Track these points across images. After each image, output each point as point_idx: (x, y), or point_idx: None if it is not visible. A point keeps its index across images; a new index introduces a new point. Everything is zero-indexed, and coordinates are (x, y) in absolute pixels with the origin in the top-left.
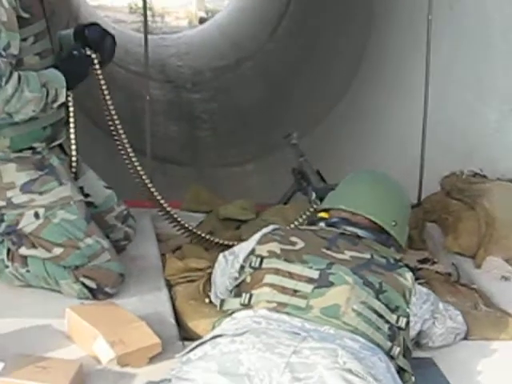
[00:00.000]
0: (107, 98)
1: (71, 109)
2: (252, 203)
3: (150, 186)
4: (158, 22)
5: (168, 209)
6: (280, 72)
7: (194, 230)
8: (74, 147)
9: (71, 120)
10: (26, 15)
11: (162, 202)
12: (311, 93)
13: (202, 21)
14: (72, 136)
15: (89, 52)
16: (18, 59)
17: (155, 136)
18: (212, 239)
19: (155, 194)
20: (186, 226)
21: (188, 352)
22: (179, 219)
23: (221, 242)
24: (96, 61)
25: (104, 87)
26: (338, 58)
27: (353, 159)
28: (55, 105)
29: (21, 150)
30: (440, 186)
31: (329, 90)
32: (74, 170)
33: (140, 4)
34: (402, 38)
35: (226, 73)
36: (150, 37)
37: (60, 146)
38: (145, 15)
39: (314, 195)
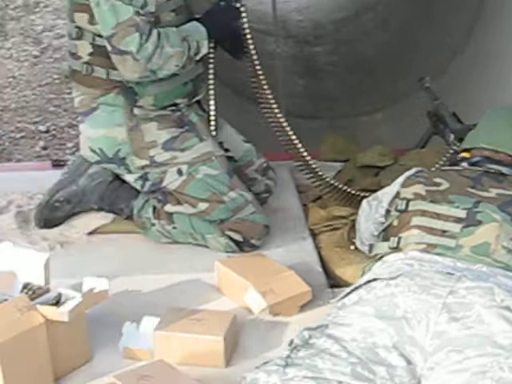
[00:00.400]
0: (253, 52)
1: (211, 61)
2: (389, 149)
3: (293, 137)
4: None
5: (310, 161)
6: (401, 22)
7: (332, 182)
8: (212, 102)
9: (210, 74)
10: None
11: (304, 153)
12: (434, 41)
13: None
14: (211, 91)
15: (238, 4)
16: (155, 16)
17: (282, 92)
18: (349, 190)
19: (298, 145)
20: (326, 178)
21: (343, 297)
22: (318, 171)
23: (357, 193)
24: (244, 14)
25: (250, 41)
26: (458, 5)
27: (482, 104)
28: (198, 57)
29: (164, 107)
30: None
31: (451, 38)
32: (213, 124)
33: None
34: None
35: (346, 25)
36: None
37: (198, 102)
38: None
39: (452, 136)
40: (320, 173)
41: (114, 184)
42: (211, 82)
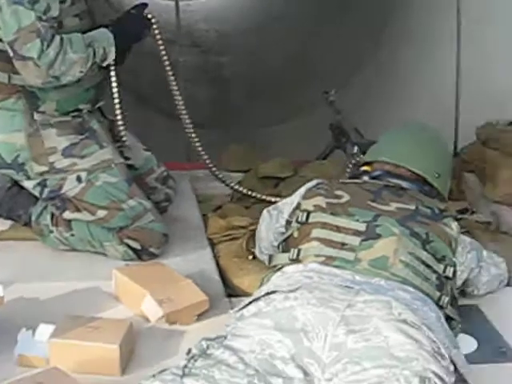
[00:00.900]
0: (166, 62)
1: (112, 68)
2: (289, 161)
3: (197, 144)
4: None
5: (210, 165)
6: (308, 33)
7: (236, 187)
8: (118, 106)
9: (113, 81)
10: None
11: (206, 159)
12: (339, 52)
13: None
14: (116, 96)
15: (149, 15)
16: (58, 22)
17: (187, 102)
18: (254, 195)
19: (201, 152)
20: (228, 182)
21: (242, 308)
22: (220, 176)
23: (262, 197)
24: (156, 25)
25: (163, 52)
26: (365, 14)
27: (385, 115)
28: (105, 63)
29: (67, 113)
30: (476, 136)
31: (357, 48)
32: (122, 129)
33: None
34: None
35: (252, 35)
36: (174, 3)
37: (99, 108)
38: None
39: (355, 149)
40: (222, 178)
41: (12, 190)
42: (115, 87)
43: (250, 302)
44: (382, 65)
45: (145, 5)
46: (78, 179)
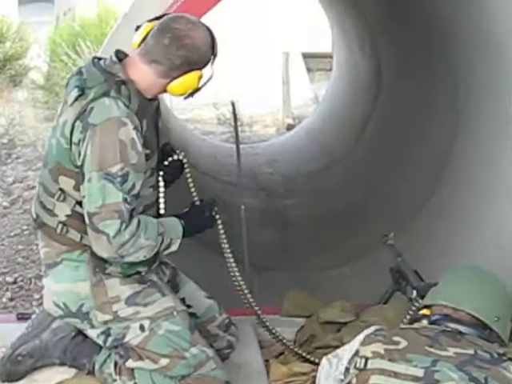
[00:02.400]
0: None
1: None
2: (351, 305)
3: (248, 296)
4: (246, 131)
5: (263, 319)
6: (369, 175)
7: (284, 341)
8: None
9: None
10: (147, 151)
11: (259, 312)
12: (403, 192)
13: (289, 127)
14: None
15: (181, 156)
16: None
17: (252, 244)
18: (300, 352)
19: (253, 304)
20: (281, 337)
21: None
22: (273, 329)
23: (308, 357)
24: (186, 165)
25: (194, 193)
26: (423, 159)
27: (446, 252)
28: (165, 253)
29: (129, 275)
30: None
31: (416, 191)
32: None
33: (228, 115)
34: (491, 138)
35: (315, 177)
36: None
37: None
38: (236, 128)
39: (414, 293)
40: (273, 330)
41: (76, 339)
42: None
43: None
44: (441, 208)
45: (214, 202)
46: (141, 328)
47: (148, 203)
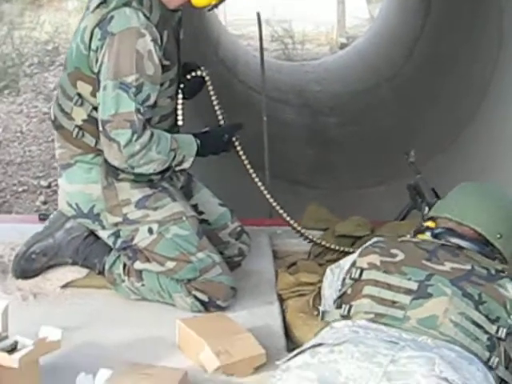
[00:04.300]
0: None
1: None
2: (367, 220)
3: (270, 199)
4: (298, 49)
5: (288, 219)
6: (416, 95)
7: (314, 239)
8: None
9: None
10: (167, 63)
11: (282, 213)
12: (444, 115)
13: (342, 47)
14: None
15: (204, 73)
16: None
17: (291, 160)
18: (333, 247)
19: (276, 207)
20: (309, 236)
21: (288, 360)
22: (300, 229)
23: (342, 249)
24: (208, 80)
25: (215, 103)
26: (468, 78)
27: (481, 176)
28: (177, 169)
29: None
30: None
31: (460, 112)
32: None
33: (281, 33)
34: None
35: (363, 96)
36: (289, 63)
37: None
38: (260, 38)
39: (426, 210)
40: (304, 232)
41: (88, 239)
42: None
43: (297, 354)
44: (479, 133)
45: (238, 127)
46: (150, 231)
47: (165, 113)
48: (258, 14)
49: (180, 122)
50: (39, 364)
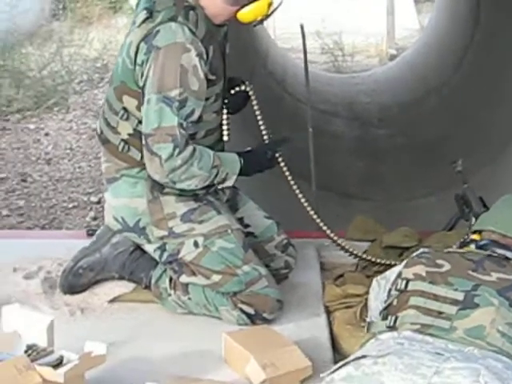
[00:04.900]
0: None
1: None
2: (415, 231)
3: (313, 214)
4: (347, 61)
5: (331, 234)
6: (465, 105)
7: (355, 253)
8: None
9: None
10: (212, 77)
11: (322, 226)
12: (494, 122)
13: (392, 58)
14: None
15: (248, 88)
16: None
17: (341, 172)
18: (379, 261)
19: (317, 220)
20: (351, 249)
21: (332, 372)
22: (343, 244)
23: (387, 262)
24: (252, 95)
25: (259, 117)
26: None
27: None
28: (221, 186)
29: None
30: None
31: (506, 125)
32: (226, 129)
33: (331, 45)
34: None
35: (412, 107)
36: (339, 75)
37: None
38: (304, 49)
39: (474, 220)
40: (347, 247)
41: (135, 254)
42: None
43: (341, 366)
44: None
45: (285, 141)
46: (195, 244)
47: (210, 128)
48: (302, 26)
49: (225, 138)
50: (85, 379)
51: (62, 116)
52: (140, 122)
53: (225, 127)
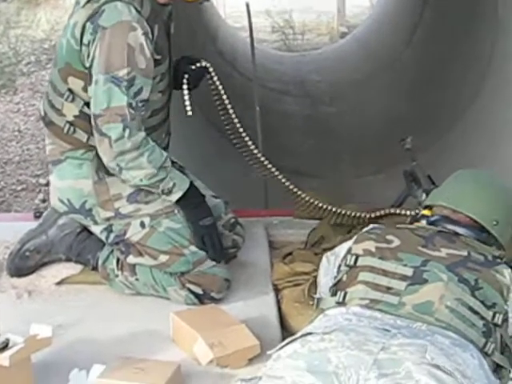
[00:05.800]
0: (226, 101)
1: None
2: (363, 208)
3: (255, 151)
4: (298, 39)
5: (271, 168)
6: (415, 83)
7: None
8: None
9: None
10: (158, 57)
11: (266, 163)
12: (443, 100)
13: (343, 36)
14: None
15: (208, 64)
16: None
17: (292, 150)
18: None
19: (260, 157)
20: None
21: (279, 349)
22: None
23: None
24: (213, 71)
25: (222, 92)
26: (467, 64)
27: (483, 163)
28: (163, 196)
29: None
30: None
31: (459, 97)
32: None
33: (281, 23)
34: None
35: (363, 85)
36: (290, 54)
37: None
38: (250, 27)
39: (423, 196)
40: (287, 183)
41: (81, 235)
42: None
43: (287, 343)
44: (478, 121)
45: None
46: (142, 225)
47: (156, 108)
48: (247, 4)
49: (189, 113)
50: (31, 361)
51: (10, 98)
52: (86, 103)
53: (187, 102)
